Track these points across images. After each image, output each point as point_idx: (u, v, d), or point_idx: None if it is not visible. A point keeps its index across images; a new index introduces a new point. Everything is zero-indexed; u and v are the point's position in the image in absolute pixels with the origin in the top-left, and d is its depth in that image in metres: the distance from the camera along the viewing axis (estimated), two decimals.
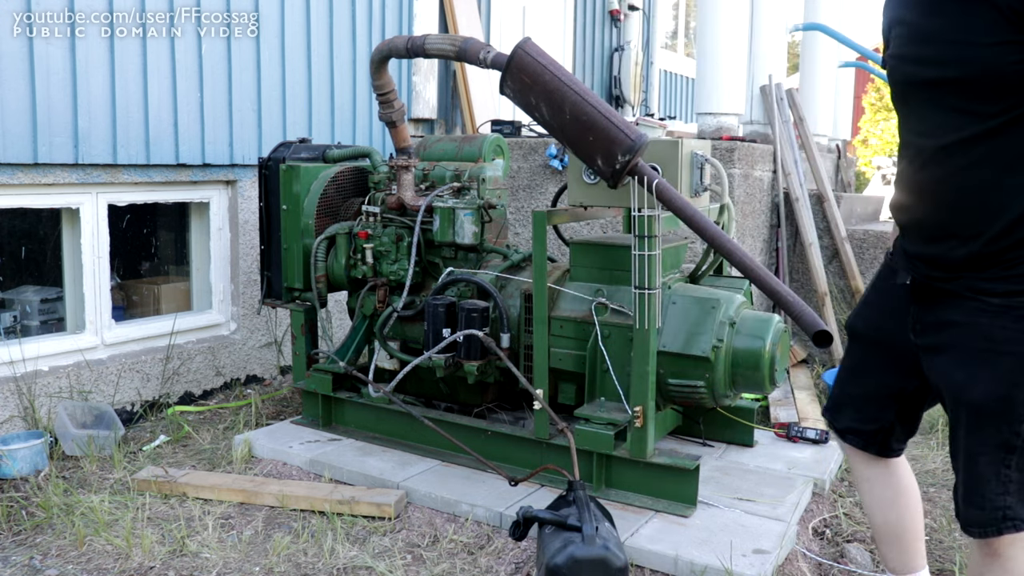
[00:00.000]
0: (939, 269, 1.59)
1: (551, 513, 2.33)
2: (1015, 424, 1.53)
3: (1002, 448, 1.56)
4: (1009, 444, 1.55)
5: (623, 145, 2.48)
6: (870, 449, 1.95)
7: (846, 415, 1.96)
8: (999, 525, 1.59)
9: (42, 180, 3.42)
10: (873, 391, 1.89)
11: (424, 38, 2.94)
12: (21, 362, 3.39)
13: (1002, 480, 1.57)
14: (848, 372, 1.97)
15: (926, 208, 1.59)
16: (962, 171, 1.48)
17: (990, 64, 1.37)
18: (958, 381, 1.59)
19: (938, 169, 1.52)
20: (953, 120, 1.47)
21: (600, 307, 2.92)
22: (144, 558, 2.49)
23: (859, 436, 1.95)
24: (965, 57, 1.41)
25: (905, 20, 1.56)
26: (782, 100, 5.18)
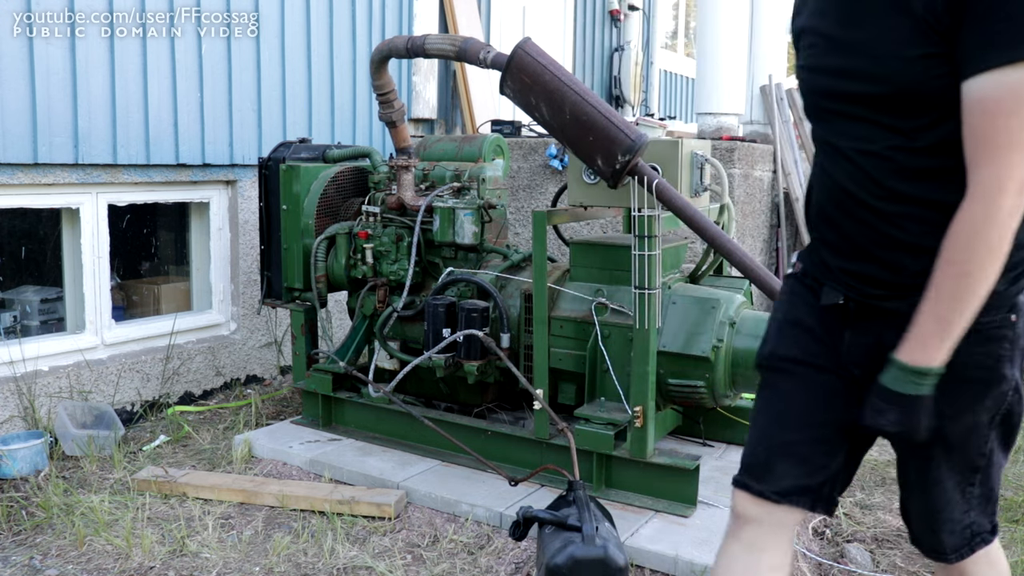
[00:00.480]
0: (880, 287, 1.41)
1: (551, 513, 2.33)
2: (982, 446, 1.45)
3: (968, 470, 1.47)
4: (975, 465, 1.47)
5: (623, 145, 2.49)
6: (817, 508, 1.56)
7: (784, 472, 1.54)
8: (971, 543, 1.51)
9: (42, 180, 3.42)
10: (819, 432, 1.53)
11: (424, 38, 2.95)
12: (21, 362, 3.39)
13: (967, 499, 1.49)
14: (777, 417, 1.58)
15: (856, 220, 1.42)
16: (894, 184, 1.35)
17: (912, 78, 1.29)
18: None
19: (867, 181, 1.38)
20: (876, 133, 1.36)
21: (600, 307, 2.92)
22: (144, 558, 2.49)
23: (808, 494, 1.53)
24: (887, 71, 1.31)
25: (819, 30, 1.45)
26: (782, 100, 5.18)
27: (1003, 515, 2.88)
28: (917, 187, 1.34)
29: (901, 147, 1.34)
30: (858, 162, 1.39)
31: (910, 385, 1.33)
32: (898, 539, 2.72)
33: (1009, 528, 2.79)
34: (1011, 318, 1.38)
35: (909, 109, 1.32)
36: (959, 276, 1.26)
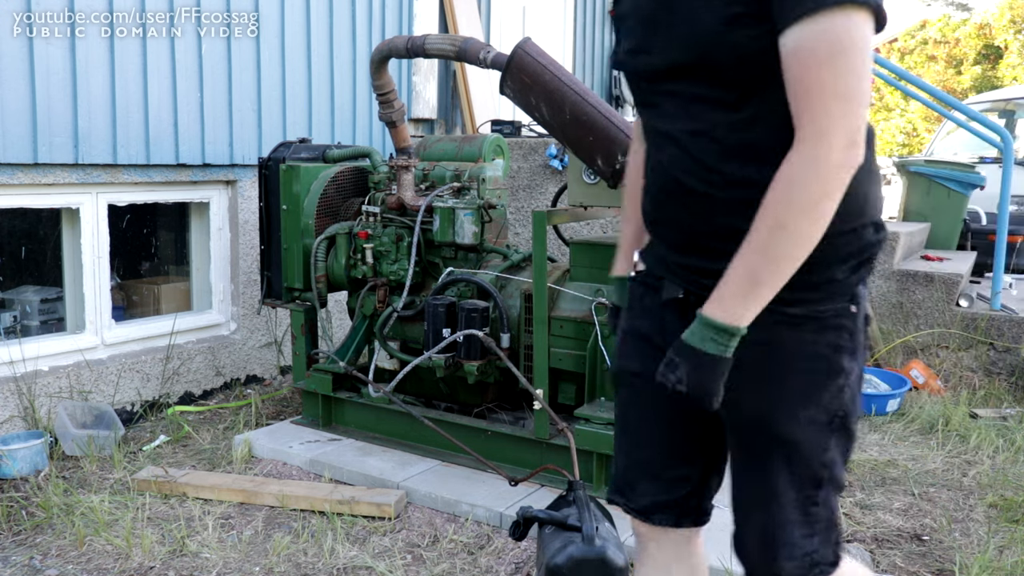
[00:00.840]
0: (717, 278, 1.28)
1: (551, 513, 2.32)
2: (823, 453, 1.30)
3: (810, 483, 1.30)
4: (816, 478, 1.30)
5: (623, 145, 2.48)
6: (684, 523, 1.51)
7: (644, 490, 1.50)
8: (810, 574, 1.32)
9: (42, 180, 3.42)
10: (668, 447, 1.47)
11: (424, 38, 2.95)
12: (21, 362, 3.39)
13: (809, 521, 1.31)
14: (629, 434, 1.53)
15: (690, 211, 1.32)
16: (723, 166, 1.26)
17: (727, 43, 1.19)
18: (761, 410, 1.30)
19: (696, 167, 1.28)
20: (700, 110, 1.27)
21: (600, 307, 2.92)
22: (144, 558, 2.49)
23: (669, 510, 1.50)
24: (700, 38, 1.22)
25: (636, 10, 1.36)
26: None
27: (1003, 515, 2.89)
28: (748, 168, 1.24)
29: (727, 123, 1.25)
30: (685, 145, 1.29)
31: (710, 343, 1.21)
32: (898, 539, 2.73)
33: (1009, 528, 2.79)
34: (851, 308, 1.29)
35: (729, 78, 1.23)
36: (773, 228, 1.16)
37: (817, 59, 1.12)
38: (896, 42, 17.35)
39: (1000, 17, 15.11)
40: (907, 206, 6.08)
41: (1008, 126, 7.33)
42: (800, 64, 1.13)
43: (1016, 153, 6.27)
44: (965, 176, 5.80)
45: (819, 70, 1.12)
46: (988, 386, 4.32)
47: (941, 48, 15.91)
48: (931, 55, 15.99)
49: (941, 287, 4.60)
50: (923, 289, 4.65)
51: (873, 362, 4.63)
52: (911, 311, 4.68)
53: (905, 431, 3.78)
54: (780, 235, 1.16)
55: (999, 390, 4.28)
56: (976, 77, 15.12)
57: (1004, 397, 4.24)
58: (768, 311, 1.24)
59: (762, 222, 1.17)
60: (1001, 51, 15.13)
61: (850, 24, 1.11)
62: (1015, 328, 4.35)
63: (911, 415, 3.91)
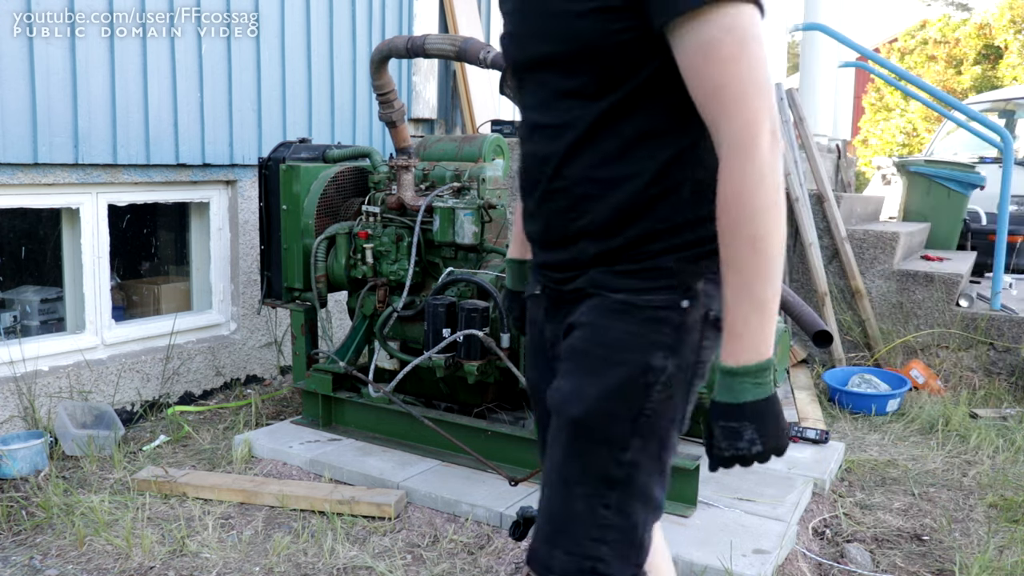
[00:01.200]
0: (567, 270, 1.29)
1: None
2: (620, 452, 1.20)
3: (603, 481, 1.20)
4: (610, 477, 1.20)
5: None
6: None
7: None
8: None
9: (42, 180, 3.42)
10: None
11: (424, 38, 2.94)
12: (21, 362, 3.39)
13: (599, 523, 1.20)
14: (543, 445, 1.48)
15: (552, 209, 1.29)
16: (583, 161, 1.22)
17: (586, 36, 1.14)
18: (563, 391, 1.24)
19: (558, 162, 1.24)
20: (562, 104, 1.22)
21: None
22: (144, 558, 2.49)
23: None
24: (562, 31, 1.17)
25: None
26: (782, 100, 5.18)
27: (1003, 515, 2.89)
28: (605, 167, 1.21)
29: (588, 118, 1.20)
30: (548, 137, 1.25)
31: (754, 388, 1.11)
32: (898, 539, 2.73)
33: (1009, 528, 2.79)
34: (682, 304, 1.21)
35: (590, 72, 1.17)
36: (753, 244, 1.08)
37: (725, 55, 1.06)
38: (896, 42, 17.35)
39: (1000, 17, 15.10)
40: (907, 206, 6.08)
41: (1008, 126, 7.33)
42: (708, 62, 1.08)
43: (1016, 153, 6.28)
44: (965, 176, 5.80)
45: (730, 67, 1.06)
46: (988, 386, 4.32)
47: (941, 48, 15.90)
48: (931, 55, 15.98)
49: (941, 287, 4.60)
50: (923, 289, 4.65)
51: (873, 362, 4.63)
52: (911, 311, 4.68)
53: (905, 431, 3.78)
54: (761, 246, 1.09)
55: (999, 390, 4.28)
56: (976, 77, 15.12)
57: (1004, 397, 4.24)
58: (594, 295, 1.23)
59: (737, 244, 1.10)
60: (1001, 51, 15.13)
61: (746, 13, 1.07)
62: (1015, 328, 4.35)
63: (911, 415, 3.91)
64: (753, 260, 1.09)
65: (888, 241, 4.80)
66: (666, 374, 1.21)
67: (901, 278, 4.73)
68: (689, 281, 1.21)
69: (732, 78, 1.07)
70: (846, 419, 3.95)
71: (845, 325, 4.75)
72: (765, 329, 1.10)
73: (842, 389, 4.11)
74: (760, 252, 1.09)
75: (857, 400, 4.04)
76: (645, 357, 1.19)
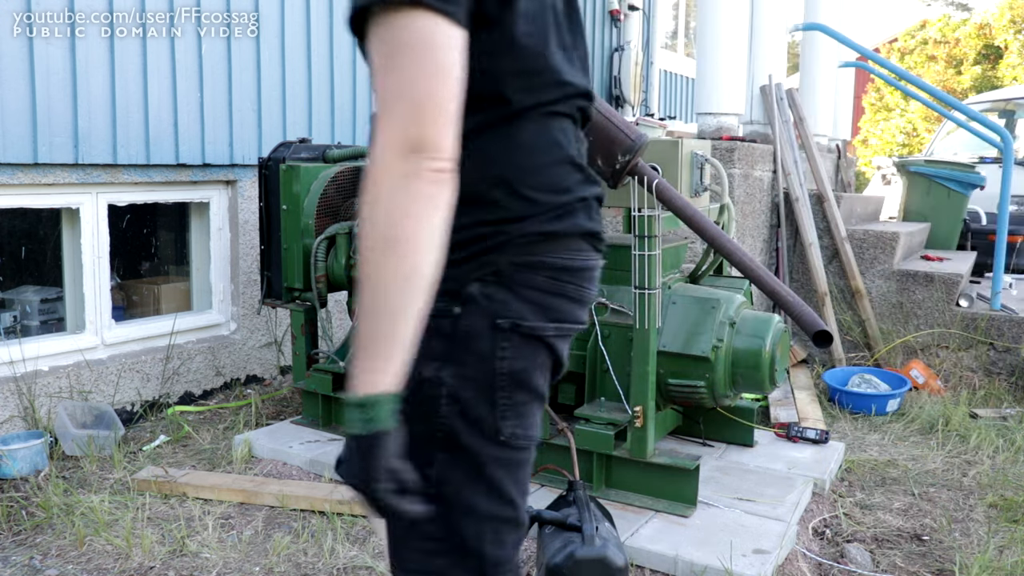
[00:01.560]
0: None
1: (551, 513, 2.33)
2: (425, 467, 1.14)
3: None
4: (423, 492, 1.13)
5: (623, 145, 2.49)
6: None
7: None
8: None
9: (42, 180, 3.42)
10: None
11: None
12: (21, 362, 3.39)
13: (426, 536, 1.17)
14: None
15: None
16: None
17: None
18: None
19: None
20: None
21: (600, 307, 2.92)
22: (144, 558, 2.49)
23: None
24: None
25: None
26: (782, 100, 5.18)
27: (1003, 515, 2.89)
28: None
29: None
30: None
31: (357, 422, 1.00)
32: (898, 539, 2.73)
33: (1009, 528, 2.79)
34: (453, 310, 1.13)
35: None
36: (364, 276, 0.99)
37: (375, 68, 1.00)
38: (896, 42, 17.35)
39: (1000, 17, 15.10)
40: (907, 206, 6.08)
41: (1008, 126, 7.33)
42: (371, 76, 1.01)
43: (1016, 153, 6.28)
44: (965, 176, 5.80)
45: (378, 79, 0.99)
46: (988, 386, 4.32)
47: (941, 48, 15.90)
48: (931, 55, 15.98)
49: (941, 287, 4.60)
50: (923, 289, 4.65)
51: (873, 362, 4.63)
52: (911, 311, 4.68)
53: (905, 431, 3.78)
54: (367, 283, 0.98)
55: (999, 390, 4.28)
56: (976, 77, 15.12)
57: (1004, 397, 4.24)
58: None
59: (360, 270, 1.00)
60: (1001, 51, 15.13)
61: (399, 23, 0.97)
62: (1015, 328, 4.35)
63: (911, 415, 3.91)
64: (364, 292, 0.99)
65: (888, 241, 4.80)
66: (446, 386, 1.13)
67: (901, 278, 4.73)
68: (460, 285, 1.13)
69: (378, 89, 0.99)
70: (846, 419, 3.95)
71: (845, 325, 4.75)
72: (367, 363, 1.00)
73: (842, 389, 4.11)
74: (366, 287, 0.99)
75: (857, 400, 4.04)
76: (418, 368, 1.10)
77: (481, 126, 1.11)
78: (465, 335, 1.13)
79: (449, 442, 1.15)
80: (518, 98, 1.12)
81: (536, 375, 1.18)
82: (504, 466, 1.18)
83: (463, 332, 1.13)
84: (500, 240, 1.12)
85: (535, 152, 1.14)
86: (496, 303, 1.13)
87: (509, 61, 1.10)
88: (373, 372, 1.00)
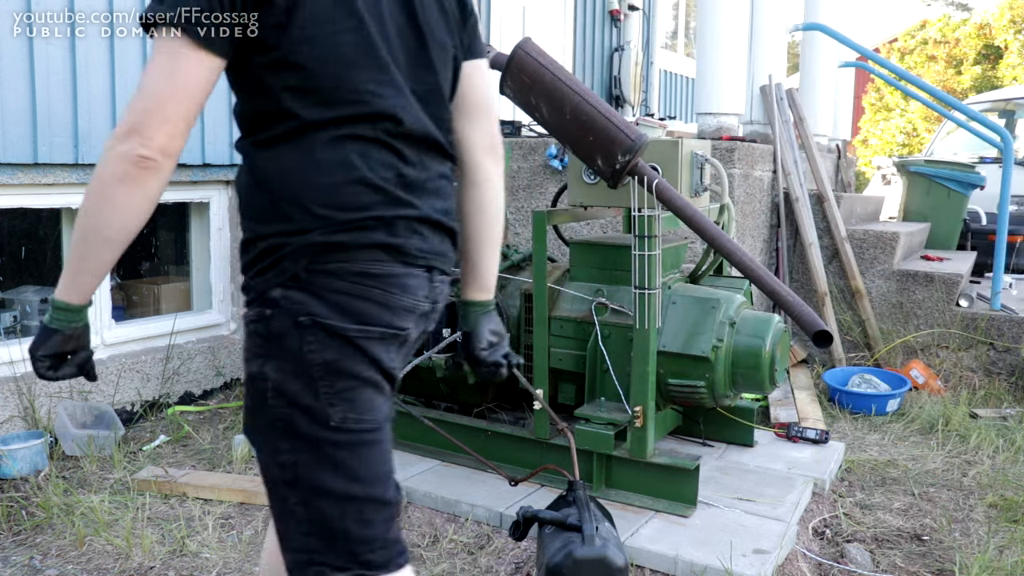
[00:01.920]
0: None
1: (551, 513, 2.33)
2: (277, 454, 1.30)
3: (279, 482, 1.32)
4: (281, 478, 1.31)
5: (623, 145, 2.49)
6: None
7: None
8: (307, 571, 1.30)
9: (42, 180, 3.42)
10: None
11: None
12: (21, 362, 3.39)
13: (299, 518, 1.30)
14: None
15: None
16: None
17: None
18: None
19: None
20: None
21: (600, 307, 2.92)
22: (144, 558, 2.49)
23: None
24: None
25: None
26: (782, 100, 5.18)
27: (1003, 515, 2.89)
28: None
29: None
30: None
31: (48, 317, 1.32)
32: (898, 539, 2.73)
33: (1009, 528, 2.79)
34: (266, 312, 1.28)
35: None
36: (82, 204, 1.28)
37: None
38: (896, 42, 17.35)
39: (1000, 17, 15.10)
40: (907, 206, 6.08)
41: (1008, 126, 7.33)
42: None
43: (1016, 153, 6.28)
44: (965, 176, 5.80)
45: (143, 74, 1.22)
46: (988, 386, 4.32)
47: (941, 48, 15.90)
48: (931, 55, 15.97)
49: (941, 287, 4.60)
50: (923, 289, 4.65)
51: (873, 362, 4.63)
52: (911, 311, 4.68)
53: (905, 431, 3.78)
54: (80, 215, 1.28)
55: (999, 390, 4.28)
56: (976, 77, 15.12)
57: (1004, 397, 4.24)
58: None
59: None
60: (1001, 51, 15.13)
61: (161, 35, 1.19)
62: (1015, 328, 4.35)
63: (911, 415, 3.91)
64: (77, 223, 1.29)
65: (888, 241, 4.80)
66: (270, 380, 1.28)
67: (901, 278, 4.73)
68: (266, 291, 1.28)
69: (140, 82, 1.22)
70: (846, 419, 3.95)
71: (845, 325, 4.75)
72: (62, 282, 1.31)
73: (842, 389, 4.11)
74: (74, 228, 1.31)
75: (857, 400, 4.04)
76: (249, 367, 1.31)
77: (273, 139, 1.27)
78: (277, 334, 1.27)
79: (289, 430, 1.28)
80: (307, 113, 1.25)
81: (354, 363, 1.29)
82: (346, 448, 1.29)
83: (275, 332, 1.27)
84: (291, 249, 1.26)
85: (325, 171, 1.26)
86: (297, 304, 1.26)
87: (295, 79, 1.24)
88: (64, 288, 1.31)
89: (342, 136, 1.27)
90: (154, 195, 1.22)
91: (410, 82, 1.35)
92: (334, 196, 1.26)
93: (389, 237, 1.30)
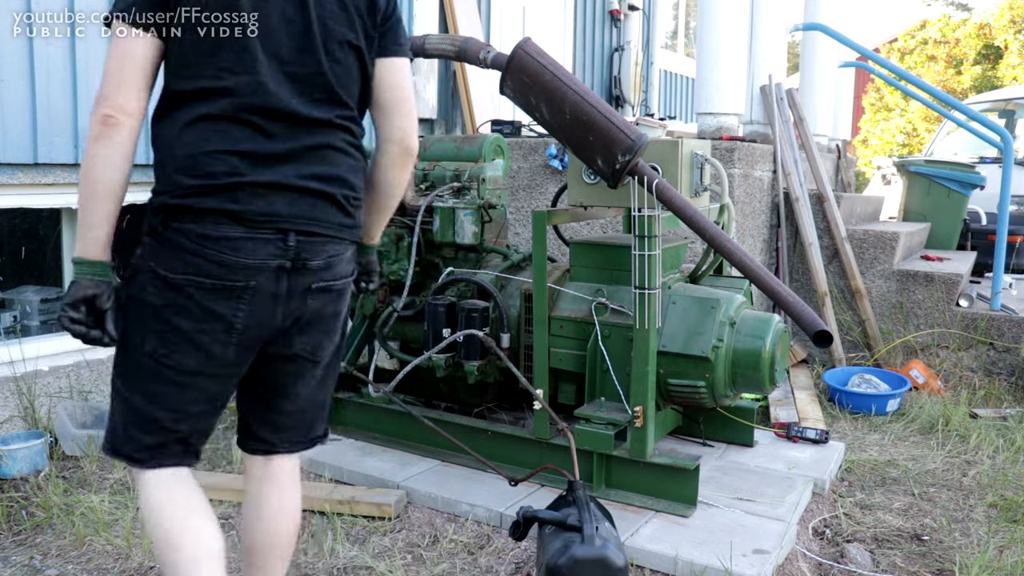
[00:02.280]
0: None
1: (551, 513, 2.33)
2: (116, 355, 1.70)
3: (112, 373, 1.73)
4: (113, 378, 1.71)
5: (623, 145, 2.48)
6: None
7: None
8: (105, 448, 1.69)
9: (42, 180, 3.41)
10: None
11: (424, 38, 2.94)
12: (21, 362, 3.39)
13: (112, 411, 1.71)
14: None
15: None
16: None
17: None
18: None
19: None
20: None
21: (600, 307, 2.92)
22: (144, 558, 2.49)
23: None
24: None
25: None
26: (782, 100, 5.18)
27: (1003, 515, 2.89)
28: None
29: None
30: None
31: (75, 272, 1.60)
32: (898, 539, 2.73)
33: (1009, 528, 2.79)
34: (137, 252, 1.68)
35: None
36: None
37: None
38: (896, 42, 17.34)
39: (1000, 17, 15.09)
40: (907, 206, 6.08)
41: (1008, 126, 7.33)
42: None
43: (1016, 153, 6.28)
44: (965, 176, 5.80)
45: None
46: (988, 386, 4.32)
47: (941, 48, 15.89)
48: (931, 55, 15.97)
49: (941, 287, 4.60)
50: (923, 289, 4.65)
51: (873, 362, 4.63)
52: (911, 311, 4.68)
53: (905, 431, 3.78)
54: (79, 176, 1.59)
55: (999, 390, 4.28)
56: (976, 77, 15.11)
57: (1004, 397, 4.24)
58: None
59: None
60: (1001, 51, 15.12)
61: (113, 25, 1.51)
62: (1015, 328, 4.35)
63: (911, 415, 3.91)
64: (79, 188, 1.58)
65: (888, 241, 4.80)
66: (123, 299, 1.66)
67: (901, 278, 4.73)
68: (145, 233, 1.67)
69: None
70: (846, 419, 3.95)
71: (845, 325, 4.75)
72: (77, 241, 1.61)
73: (842, 389, 4.11)
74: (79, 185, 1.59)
75: (857, 400, 4.04)
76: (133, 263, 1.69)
77: (159, 113, 1.59)
78: (136, 270, 1.64)
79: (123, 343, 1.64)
80: (175, 84, 1.54)
81: (178, 308, 1.58)
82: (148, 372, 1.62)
83: (136, 268, 1.64)
84: (152, 207, 1.61)
85: (185, 143, 1.53)
86: (150, 251, 1.62)
87: (175, 57, 1.53)
88: (80, 244, 1.60)
89: (202, 112, 1.52)
90: (124, 149, 1.51)
91: (290, 65, 1.57)
92: (187, 164, 1.53)
93: (229, 203, 1.53)
